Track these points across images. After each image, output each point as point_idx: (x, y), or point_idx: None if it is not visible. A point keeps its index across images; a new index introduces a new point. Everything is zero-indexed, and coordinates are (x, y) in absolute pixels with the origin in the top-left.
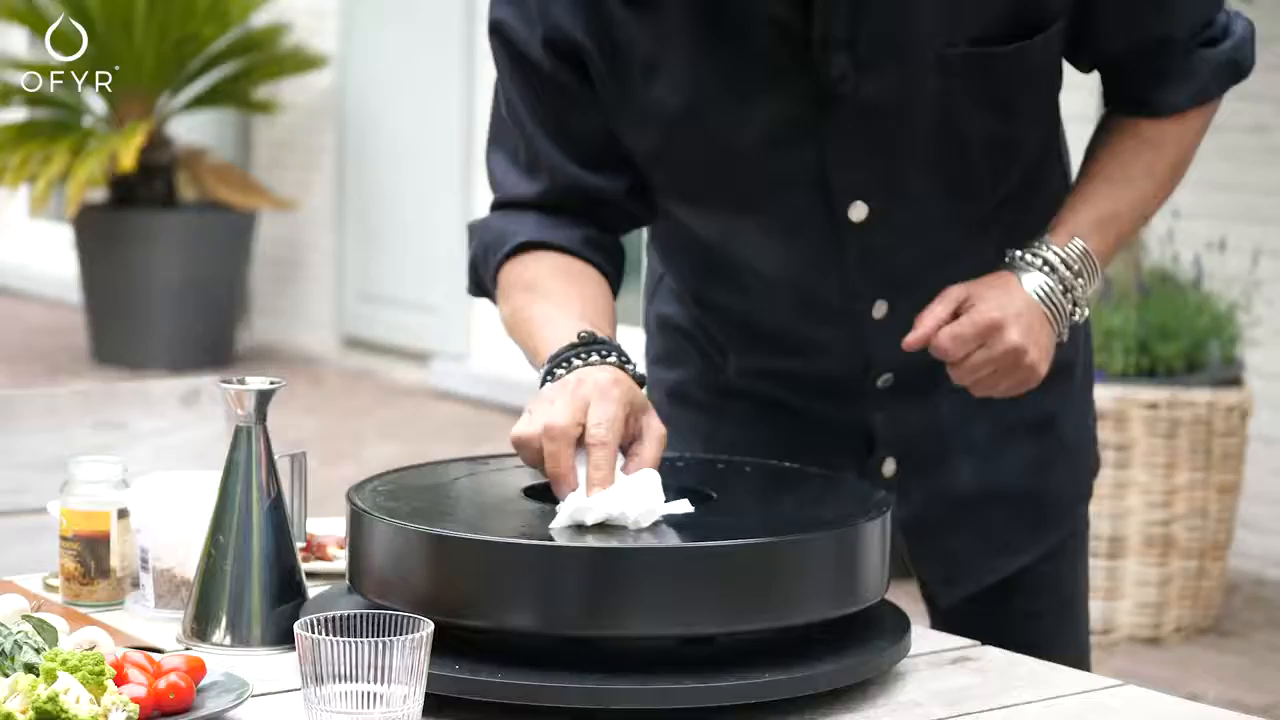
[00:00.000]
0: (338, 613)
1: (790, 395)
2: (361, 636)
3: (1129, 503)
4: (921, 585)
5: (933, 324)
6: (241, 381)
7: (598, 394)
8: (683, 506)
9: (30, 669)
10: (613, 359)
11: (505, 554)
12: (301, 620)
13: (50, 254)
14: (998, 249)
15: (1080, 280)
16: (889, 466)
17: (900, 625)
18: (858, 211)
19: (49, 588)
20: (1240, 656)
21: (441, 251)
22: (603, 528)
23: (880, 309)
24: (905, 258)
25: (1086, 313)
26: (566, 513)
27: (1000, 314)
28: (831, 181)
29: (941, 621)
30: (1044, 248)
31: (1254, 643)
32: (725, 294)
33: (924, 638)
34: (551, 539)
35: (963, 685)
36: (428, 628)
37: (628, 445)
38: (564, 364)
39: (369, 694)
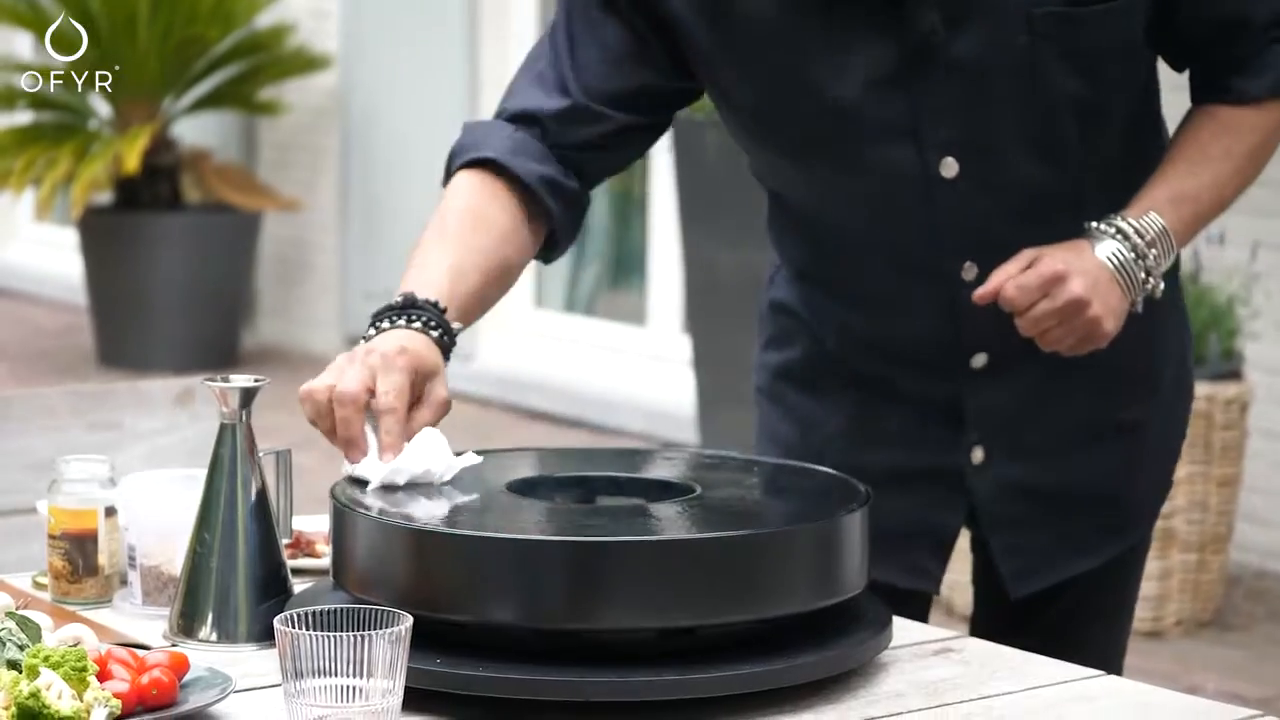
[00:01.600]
0: (317, 607)
1: (885, 369)
2: (341, 631)
3: None
4: (985, 577)
5: (1001, 277)
6: (226, 379)
7: (384, 363)
8: (471, 459)
9: (13, 665)
10: (418, 324)
11: (486, 548)
12: (281, 615)
13: (56, 257)
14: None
15: (1154, 250)
16: (977, 454)
17: (881, 617)
18: (949, 168)
19: (38, 585)
20: (1241, 650)
21: None
22: (584, 524)
23: (971, 271)
24: (995, 219)
25: (1161, 285)
26: (378, 477)
27: (1064, 267)
28: (923, 137)
29: (990, 617)
30: (1118, 218)
31: (1255, 636)
32: (823, 261)
33: (905, 629)
34: (533, 534)
35: (944, 676)
36: (407, 621)
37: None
38: (376, 324)
39: (349, 688)
